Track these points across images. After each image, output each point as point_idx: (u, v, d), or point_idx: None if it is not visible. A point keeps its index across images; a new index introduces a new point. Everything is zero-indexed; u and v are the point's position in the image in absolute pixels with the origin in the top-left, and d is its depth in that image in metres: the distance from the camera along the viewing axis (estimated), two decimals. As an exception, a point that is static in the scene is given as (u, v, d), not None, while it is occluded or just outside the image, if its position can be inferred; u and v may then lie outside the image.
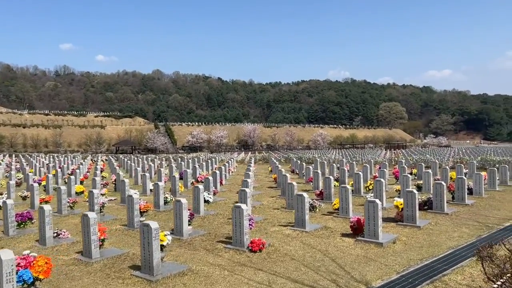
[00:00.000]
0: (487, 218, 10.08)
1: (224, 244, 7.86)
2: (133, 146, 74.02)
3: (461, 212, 10.84)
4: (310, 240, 8.23)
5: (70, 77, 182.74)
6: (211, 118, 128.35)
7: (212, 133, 78.24)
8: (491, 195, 13.61)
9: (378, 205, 7.86)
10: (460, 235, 8.50)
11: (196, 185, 10.92)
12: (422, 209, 11.07)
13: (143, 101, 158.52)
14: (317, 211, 11.23)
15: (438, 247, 7.71)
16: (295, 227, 9.06)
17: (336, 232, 8.90)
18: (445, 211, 10.59)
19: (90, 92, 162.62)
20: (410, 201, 9.30)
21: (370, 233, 7.98)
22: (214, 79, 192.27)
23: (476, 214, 10.60)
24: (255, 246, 7.29)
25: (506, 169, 15.77)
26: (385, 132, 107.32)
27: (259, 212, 11.44)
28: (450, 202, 12.16)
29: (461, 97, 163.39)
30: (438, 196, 10.70)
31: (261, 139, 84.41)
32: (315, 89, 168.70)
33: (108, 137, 77.40)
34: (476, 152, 52.51)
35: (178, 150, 74.88)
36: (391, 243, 7.90)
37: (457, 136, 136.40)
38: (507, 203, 12.13)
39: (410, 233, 8.74)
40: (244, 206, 7.50)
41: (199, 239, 8.44)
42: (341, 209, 10.42)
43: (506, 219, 9.93)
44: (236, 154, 57.17)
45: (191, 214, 9.03)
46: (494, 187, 14.56)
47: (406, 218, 9.41)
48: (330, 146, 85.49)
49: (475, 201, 12.45)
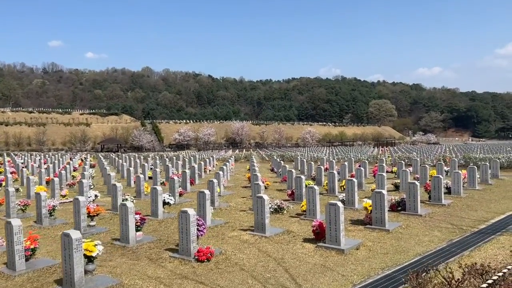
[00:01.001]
0: (462, 220, 9.51)
1: (171, 253, 7.14)
2: (118, 144, 72.76)
3: (436, 213, 10.26)
4: (267, 247, 7.54)
5: (58, 75, 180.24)
6: (201, 116, 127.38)
7: (200, 131, 77.27)
8: (470, 194, 13.08)
9: (339, 208, 7.20)
10: (430, 240, 7.89)
11: (153, 187, 10.16)
12: (396, 210, 10.48)
13: (133, 99, 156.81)
14: (285, 213, 10.56)
15: (404, 253, 7.09)
16: (255, 231, 8.37)
17: (298, 237, 8.23)
18: (419, 212, 9.99)
19: (78, 89, 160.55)
20: (378, 203, 8.67)
21: (332, 238, 7.32)
22: (204, 77, 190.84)
23: (451, 216, 10.03)
24: (202, 256, 6.59)
25: (486, 167, 15.28)
26: (374, 129, 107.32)
27: (223, 214, 10.74)
28: (427, 202, 11.60)
29: (450, 94, 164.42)
30: (411, 197, 10.10)
31: (249, 137, 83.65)
32: (305, 87, 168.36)
33: (93, 135, 76.01)
34: (464, 149, 52.47)
35: (165, 148, 73.83)
36: (354, 250, 7.25)
37: (446, 133, 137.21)
38: (485, 203, 11.60)
39: (377, 237, 8.11)
40: (192, 211, 6.79)
41: (147, 246, 7.70)
42: (308, 211, 9.77)
43: (481, 221, 9.37)
44: (223, 152, 56.42)
45: (142, 219, 8.28)
46: (474, 186, 14.05)
47: (375, 221, 8.78)
48: (319, 144, 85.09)
49: (453, 201, 11.89)
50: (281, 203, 10.63)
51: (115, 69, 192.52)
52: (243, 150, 65.72)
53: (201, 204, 9.14)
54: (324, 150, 56.58)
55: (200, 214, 9.23)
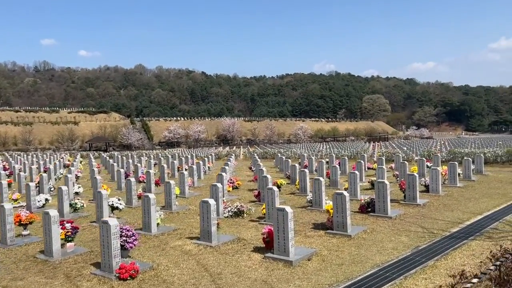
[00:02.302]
0: (435, 222, 8.68)
1: (95, 269, 6.25)
2: (107, 143, 71.60)
3: (408, 215, 9.43)
4: (209, 259, 6.67)
5: (50, 73, 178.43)
6: (194, 113, 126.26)
7: (190, 128, 76.18)
8: (449, 192, 12.27)
9: (288, 214, 6.34)
10: (394, 247, 7.05)
11: (99, 190, 9.25)
12: (365, 211, 9.65)
13: (125, 97, 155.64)
14: (245, 217, 9.70)
15: (362, 264, 6.24)
16: (201, 240, 7.49)
17: (249, 245, 7.37)
18: (389, 214, 9.16)
19: (70, 88, 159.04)
20: (340, 205, 7.82)
21: (280, 248, 6.46)
22: (197, 73, 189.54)
23: (424, 217, 9.20)
24: (124, 273, 5.70)
25: (469, 163, 14.48)
26: (367, 124, 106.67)
27: (178, 219, 9.86)
28: (401, 202, 10.79)
29: (444, 88, 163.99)
30: (380, 197, 9.26)
31: (241, 134, 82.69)
32: (299, 83, 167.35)
33: (82, 134, 74.77)
34: (457, 143, 51.99)
35: (154, 146, 72.76)
36: (305, 261, 6.40)
37: (440, 127, 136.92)
38: (464, 202, 10.79)
39: (336, 244, 7.27)
40: (113, 221, 5.90)
41: (73, 260, 6.80)
42: (267, 215, 8.90)
43: (455, 223, 8.54)
44: (214, 149, 55.48)
45: (74, 228, 7.38)
46: (455, 183, 13.25)
47: (336, 225, 7.93)
48: (311, 140, 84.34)
49: (429, 200, 11.07)
50: (241, 206, 9.76)
51: (107, 67, 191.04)
52: (234, 147, 64.84)
53: (145, 209, 8.25)
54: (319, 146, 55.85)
55: (144, 220, 8.35)
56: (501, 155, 19.16)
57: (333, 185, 14.01)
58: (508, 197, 11.21)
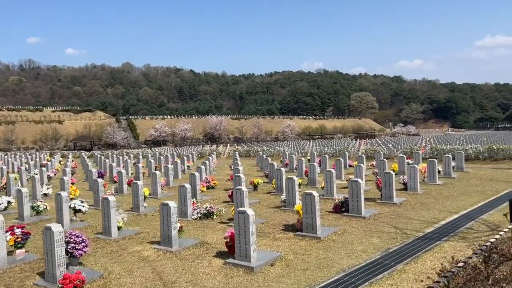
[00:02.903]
0: (410, 222, 8.38)
1: (40, 278, 5.78)
2: (92, 142, 70.41)
3: (383, 215, 9.13)
4: (167, 266, 6.24)
5: (35, 71, 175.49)
6: (182, 111, 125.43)
7: (177, 127, 75.35)
8: (428, 190, 12.03)
9: (249, 216, 5.95)
10: (364, 249, 6.72)
11: (59, 192, 8.74)
12: (339, 211, 9.33)
13: (113, 95, 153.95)
14: (215, 219, 9.29)
15: (327, 269, 5.89)
16: (162, 245, 7.06)
17: (212, 250, 6.96)
18: (363, 214, 8.84)
19: (56, 86, 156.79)
20: (309, 206, 7.46)
21: (242, 253, 6.07)
22: (186, 71, 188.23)
23: (399, 217, 8.91)
24: (67, 284, 5.24)
25: (449, 160, 14.28)
26: (354, 122, 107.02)
27: (144, 222, 9.41)
28: (378, 201, 10.49)
29: (430, 86, 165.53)
30: (354, 196, 8.93)
31: (228, 132, 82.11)
32: (287, 80, 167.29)
33: (66, 133, 73.37)
34: (444, 140, 52.31)
35: (140, 145, 71.79)
36: (268, 266, 6.03)
37: (426, 124, 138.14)
38: (442, 200, 10.54)
39: (304, 247, 6.91)
40: (56, 227, 5.43)
41: (19, 269, 6.31)
42: (236, 217, 8.49)
43: (430, 223, 8.26)
44: (201, 147, 54.85)
45: (24, 233, 6.88)
46: (434, 181, 13.03)
47: (306, 227, 7.58)
48: (299, 137, 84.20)
49: (407, 198, 10.81)
50: (211, 207, 9.34)
51: (94, 65, 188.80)
52: (221, 145, 64.31)
53: (105, 212, 7.78)
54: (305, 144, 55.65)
55: (104, 224, 7.88)
56: (482, 152, 19.09)
57: (312, 184, 13.69)
58: (486, 195, 11.00)
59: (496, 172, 15.51)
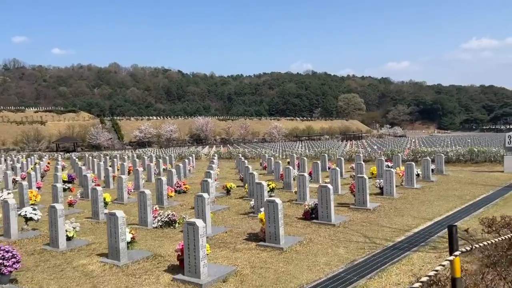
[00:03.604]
0: (381, 230, 7.95)
1: (-39, 299, 5.16)
2: (75, 143, 68.97)
3: (354, 222, 8.69)
4: (110, 282, 5.67)
5: (20, 71, 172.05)
6: (170, 112, 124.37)
7: (162, 128, 74.34)
8: (404, 194, 11.66)
9: (198, 228, 5.42)
10: (328, 261, 6.24)
11: (5, 199, 8.08)
12: (309, 218, 8.86)
13: (99, 96, 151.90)
14: (177, 227, 8.73)
15: (284, 285, 5.40)
16: (109, 258, 6.48)
17: (164, 263, 6.41)
18: (332, 221, 8.38)
19: (42, 86, 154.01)
20: (272, 214, 6.96)
21: (191, 268, 5.54)
22: (174, 72, 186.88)
23: (371, 224, 8.48)
24: (-14, 306, 4.64)
25: (428, 163, 13.96)
26: (341, 123, 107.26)
27: (100, 231, 8.78)
28: (351, 207, 10.06)
29: (417, 87, 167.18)
30: (323, 203, 8.47)
31: (215, 133, 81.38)
32: (276, 82, 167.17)
33: (48, 134, 71.68)
34: (430, 141, 52.62)
35: (125, 146, 70.60)
36: (220, 282, 5.50)
37: (413, 125, 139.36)
38: (418, 205, 10.16)
39: (265, 259, 6.40)
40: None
41: None
42: (197, 225, 7.95)
43: (402, 231, 7.84)
44: (186, 148, 54.12)
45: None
46: (412, 184, 12.67)
47: (269, 236, 7.07)
48: (286, 139, 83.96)
49: (381, 204, 10.40)
50: (173, 214, 8.78)
51: (81, 65, 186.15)
52: (207, 146, 63.62)
53: (52, 222, 7.17)
54: (291, 145, 55.36)
55: (51, 234, 7.27)
56: (463, 154, 18.88)
57: (287, 188, 13.23)
58: (463, 200, 10.67)
59: (476, 175, 15.27)
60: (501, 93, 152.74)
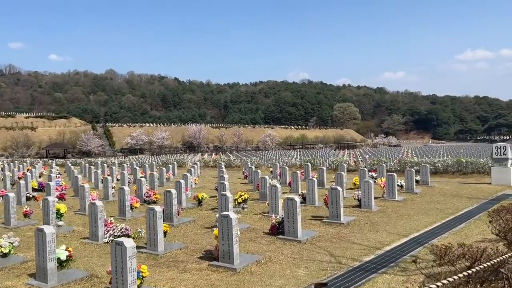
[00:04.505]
0: (350, 248, 7.27)
1: None
2: (65, 149, 68.05)
3: (323, 237, 8.01)
4: (27, 309, 4.95)
5: (15, 77, 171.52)
6: (165, 119, 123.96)
7: (154, 135, 73.56)
8: (384, 207, 11.00)
9: (126, 249, 4.73)
10: (283, 285, 5.57)
11: None
12: (275, 233, 8.17)
13: (95, 102, 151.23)
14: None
15: (225, 314, 4.69)
16: (37, 279, 5.76)
17: (97, 286, 5.69)
18: (299, 237, 7.70)
19: (37, 92, 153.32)
20: (226, 230, 6.28)
21: (119, 294, 4.83)
22: (170, 79, 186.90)
23: (342, 240, 7.80)
24: None
25: (411, 174, 13.35)
26: (336, 132, 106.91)
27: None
28: (325, 220, 9.38)
29: (412, 97, 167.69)
30: (290, 216, 7.79)
31: (208, 140, 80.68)
32: (272, 90, 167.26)
33: (39, 140, 70.81)
34: (424, 151, 52.18)
35: (116, 153, 69.72)
36: (152, 311, 4.79)
37: (408, 135, 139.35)
38: (395, 219, 9.50)
39: (213, 282, 5.70)
40: None
41: None
42: (149, 242, 7.27)
43: (373, 249, 7.17)
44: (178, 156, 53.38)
45: None
46: (393, 196, 12.02)
47: (222, 255, 6.38)
48: (280, 147, 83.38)
49: (357, 217, 9.74)
50: (126, 228, 8.07)
51: (77, 71, 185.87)
52: (199, 154, 62.88)
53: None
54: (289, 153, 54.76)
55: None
56: (451, 165, 18.30)
57: (263, 199, 12.53)
58: (445, 214, 10.03)
59: (463, 187, 14.66)
60: (495, 104, 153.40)
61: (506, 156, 14.39)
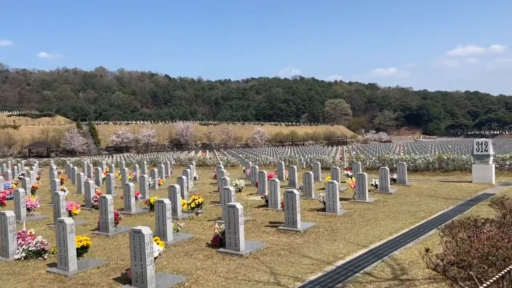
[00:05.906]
0: (298, 263, 6.25)
1: None
2: (48, 148, 66.39)
3: (272, 249, 6.98)
4: None
5: (3, 75, 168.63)
6: (156, 116, 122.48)
7: (140, 132, 72.05)
8: (351, 210, 10.02)
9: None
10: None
11: None
12: (218, 245, 7.13)
13: (84, 100, 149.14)
14: (46, 258, 6.91)
15: None
16: None
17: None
18: (241, 250, 6.68)
19: (25, 90, 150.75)
20: (138, 249, 5.22)
21: None
22: (161, 76, 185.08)
23: (291, 253, 6.78)
24: None
25: (386, 172, 12.37)
26: (326, 128, 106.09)
27: None
28: (280, 228, 8.36)
29: (404, 93, 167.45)
30: (231, 226, 6.75)
31: (196, 138, 79.33)
32: (263, 86, 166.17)
33: (21, 139, 69.00)
34: (415, 147, 51.47)
35: (101, 151, 68.21)
36: None
37: (399, 131, 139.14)
38: (360, 226, 8.50)
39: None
40: None
41: None
42: (59, 260, 6.17)
43: (324, 264, 6.14)
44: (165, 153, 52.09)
45: None
46: (364, 198, 11.04)
47: (135, 278, 5.31)
48: (269, 144, 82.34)
49: (318, 223, 8.75)
50: (41, 242, 6.95)
51: (66, 68, 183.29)
52: (186, 151, 61.66)
53: None
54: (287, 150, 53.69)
55: None
56: (432, 162, 17.39)
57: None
58: (416, 218, 9.06)
59: (442, 186, 13.73)
60: (485, 99, 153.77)
61: (488, 152, 13.48)
